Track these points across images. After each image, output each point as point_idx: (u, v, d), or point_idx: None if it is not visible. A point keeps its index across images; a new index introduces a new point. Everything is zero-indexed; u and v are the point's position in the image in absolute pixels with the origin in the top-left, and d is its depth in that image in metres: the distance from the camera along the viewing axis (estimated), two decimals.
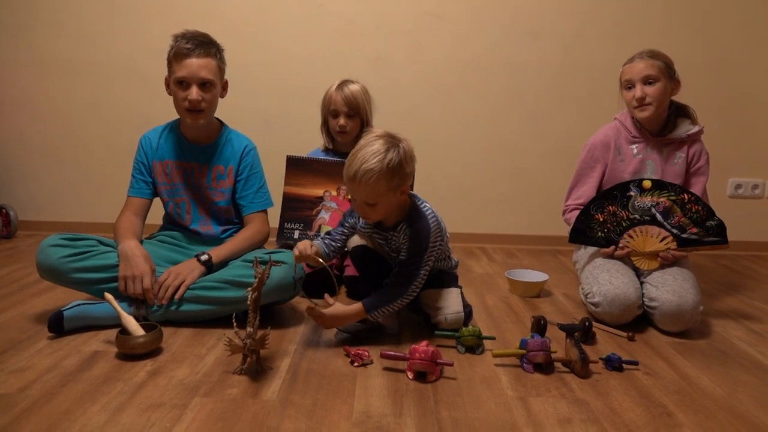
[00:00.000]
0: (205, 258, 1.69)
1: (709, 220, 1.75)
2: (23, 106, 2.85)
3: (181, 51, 1.69)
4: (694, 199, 1.76)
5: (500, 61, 2.80)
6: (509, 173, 2.90)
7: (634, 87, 1.86)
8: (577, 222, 1.86)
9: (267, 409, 1.21)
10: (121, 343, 1.43)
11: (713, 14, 2.75)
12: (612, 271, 1.78)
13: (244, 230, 1.84)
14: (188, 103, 1.71)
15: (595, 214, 1.84)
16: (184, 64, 1.69)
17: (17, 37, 2.77)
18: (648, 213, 1.79)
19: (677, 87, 1.89)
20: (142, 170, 1.84)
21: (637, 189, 1.80)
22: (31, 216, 2.92)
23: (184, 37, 1.71)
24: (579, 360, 1.39)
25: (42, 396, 1.25)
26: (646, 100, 1.83)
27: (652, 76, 1.83)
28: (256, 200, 1.88)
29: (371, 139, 1.48)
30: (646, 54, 1.86)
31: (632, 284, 1.73)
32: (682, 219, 1.77)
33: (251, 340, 1.33)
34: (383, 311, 1.54)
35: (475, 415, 1.22)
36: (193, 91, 1.70)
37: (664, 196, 1.78)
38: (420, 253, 1.54)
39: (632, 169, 1.93)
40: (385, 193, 1.47)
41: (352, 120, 2.08)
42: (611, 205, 1.82)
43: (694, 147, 1.93)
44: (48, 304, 1.81)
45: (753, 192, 2.91)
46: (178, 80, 1.71)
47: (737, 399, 1.32)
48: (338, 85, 2.10)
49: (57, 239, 1.64)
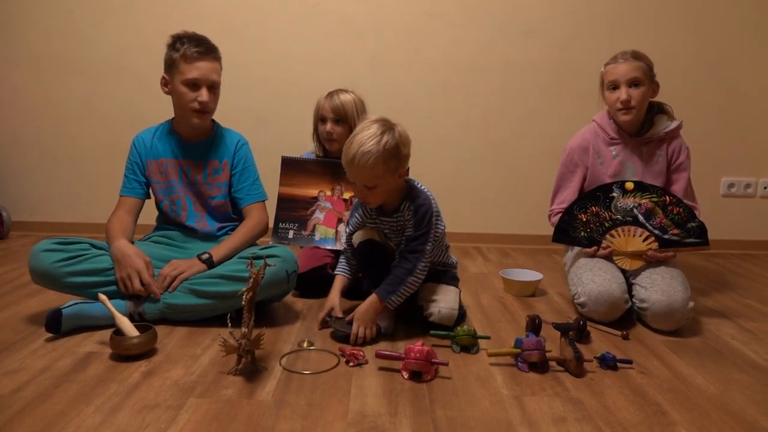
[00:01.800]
0: (206, 257, 1.69)
1: (690, 221, 1.76)
2: (16, 105, 2.83)
3: (192, 54, 1.72)
4: (675, 201, 1.77)
5: (495, 61, 2.80)
6: (504, 173, 2.90)
7: (619, 88, 1.85)
8: (560, 222, 1.87)
9: (262, 410, 1.21)
10: (116, 344, 1.43)
11: (706, 14, 2.76)
12: (594, 269, 1.79)
13: (245, 223, 1.85)
14: (198, 104, 1.75)
15: (579, 214, 1.85)
16: (196, 66, 1.73)
17: (10, 35, 2.76)
18: (630, 214, 1.80)
19: (657, 89, 1.89)
20: (136, 170, 1.85)
21: (619, 190, 1.81)
22: (25, 216, 2.90)
23: (190, 39, 1.74)
24: (574, 359, 1.40)
25: (36, 397, 1.24)
26: (631, 103, 1.83)
27: (638, 79, 1.83)
28: (253, 192, 1.91)
29: (366, 125, 1.53)
30: (630, 55, 1.85)
31: (615, 280, 1.74)
32: (663, 220, 1.78)
33: (246, 340, 1.33)
34: (398, 296, 1.58)
35: (470, 414, 1.22)
36: (204, 92, 1.75)
37: (646, 198, 1.79)
38: (425, 224, 1.58)
39: (612, 171, 1.93)
40: (383, 175, 1.51)
41: (339, 126, 2.08)
42: (594, 206, 1.83)
43: (674, 143, 1.93)
44: (42, 305, 1.81)
45: (745, 191, 2.93)
46: (188, 82, 1.73)
47: (730, 397, 1.33)
48: (329, 93, 2.10)
49: (49, 244, 1.63)
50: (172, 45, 1.75)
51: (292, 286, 1.73)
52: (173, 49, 1.74)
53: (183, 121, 1.83)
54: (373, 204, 1.61)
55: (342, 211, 2.14)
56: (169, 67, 1.76)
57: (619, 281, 1.75)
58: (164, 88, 1.81)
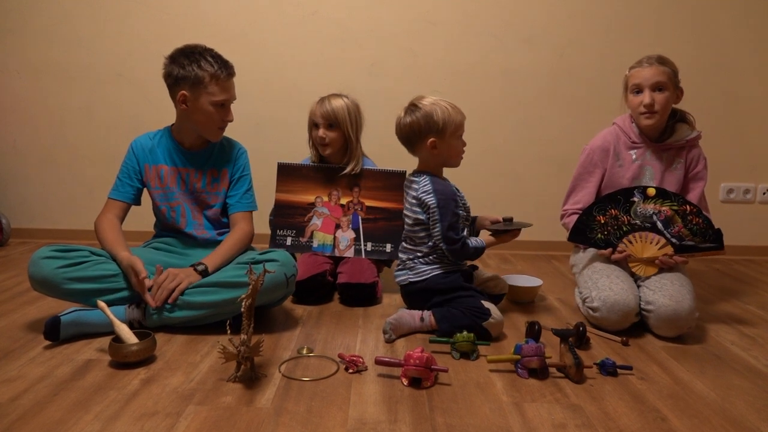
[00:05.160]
0: (201, 268, 1.68)
1: (707, 232, 1.76)
2: (16, 112, 2.84)
3: (224, 76, 1.75)
4: (696, 212, 1.76)
5: (494, 67, 2.81)
6: (503, 179, 2.91)
7: (643, 92, 1.84)
8: (578, 222, 1.85)
9: (261, 417, 1.21)
10: (115, 352, 1.42)
11: (706, 19, 2.77)
12: (612, 276, 1.77)
13: (231, 234, 1.84)
14: (224, 123, 1.80)
15: (597, 216, 1.83)
16: (226, 88, 1.77)
17: (9, 43, 2.77)
18: (649, 220, 1.79)
19: (681, 95, 1.88)
20: (131, 174, 1.85)
21: (641, 195, 1.80)
22: (24, 223, 2.90)
23: (215, 58, 1.75)
24: (573, 365, 1.39)
25: (34, 405, 1.24)
26: (654, 107, 1.82)
27: (662, 83, 1.82)
28: (243, 201, 1.90)
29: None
30: (655, 59, 1.84)
31: (632, 291, 1.73)
32: (682, 229, 1.77)
33: (245, 347, 1.32)
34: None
35: (470, 421, 1.22)
36: (231, 113, 1.81)
37: (667, 205, 1.78)
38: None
39: (631, 174, 1.93)
40: None
41: (331, 131, 2.08)
42: (614, 209, 1.82)
43: (693, 152, 1.94)
44: (40, 313, 1.80)
45: (745, 197, 2.93)
46: (219, 103, 1.75)
47: (731, 403, 1.33)
48: (321, 98, 2.11)
49: (49, 251, 1.63)
50: (195, 62, 1.71)
51: (291, 290, 1.73)
52: (198, 67, 1.70)
53: (192, 132, 1.83)
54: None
55: (339, 217, 2.14)
56: (194, 85, 1.72)
57: (635, 293, 1.74)
58: (182, 105, 1.75)
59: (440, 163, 1.79)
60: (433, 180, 1.74)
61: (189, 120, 1.80)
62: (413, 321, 1.68)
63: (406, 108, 1.75)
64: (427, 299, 1.73)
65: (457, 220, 1.72)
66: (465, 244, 1.72)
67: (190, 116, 1.78)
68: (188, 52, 1.74)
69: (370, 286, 1.95)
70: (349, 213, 2.15)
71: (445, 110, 1.71)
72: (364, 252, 2.12)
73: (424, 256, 1.76)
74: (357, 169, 2.13)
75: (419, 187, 1.73)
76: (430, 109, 1.70)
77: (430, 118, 1.69)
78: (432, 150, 1.73)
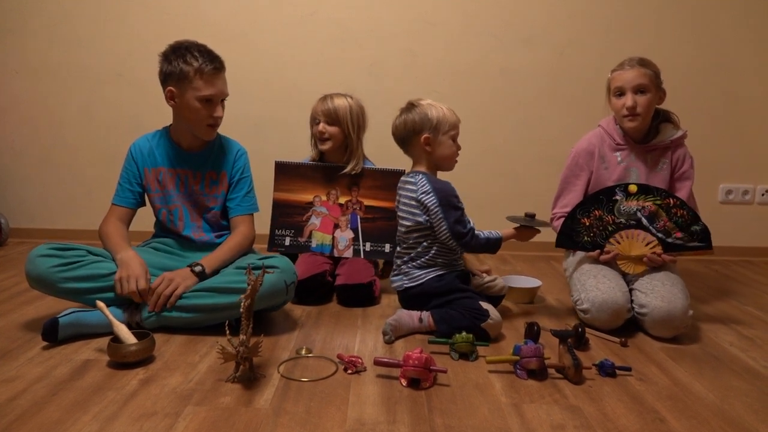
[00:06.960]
0: (198, 269, 1.68)
1: (693, 224, 1.76)
2: (15, 113, 2.83)
3: (209, 70, 1.69)
4: (679, 204, 1.76)
5: (493, 68, 2.81)
6: (503, 179, 2.90)
7: (625, 95, 1.85)
8: (563, 226, 1.86)
9: (260, 418, 1.21)
10: (113, 352, 1.42)
11: (704, 20, 2.77)
12: (599, 276, 1.78)
13: (232, 236, 1.83)
14: (213, 120, 1.75)
15: (582, 218, 1.83)
16: (212, 83, 1.71)
17: (9, 43, 2.76)
18: (634, 217, 1.80)
19: (663, 97, 1.90)
20: (131, 179, 1.84)
21: (622, 193, 1.80)
22: (23, 223, 2.90)
23: (201, 53, 1.69)
24: (572, 366, 1.39)
25: (32, 406, 1.23)
26: (637, 110, 1.83)
27: (644, 86, 1.83)
28: (244, 203, 1.89)
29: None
30: (636, 62, 1.85)
31: (619, 288, 1.73)
32: (667, 223, 1.77)
33: (244, 347, 1.32)
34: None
35: (468, 422, 1.22)
36: (219, 109, 1.75)
37: (650, 201, 1.78)
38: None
39: (616, 176, 1.93)
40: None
41: (331, 127, 2.09)
42: (597, 210, 1.82)
43: (678, 152, 1.94)
44: (39, 313, 1.80)
45: (743, 198, 2.93)
46: (205, 98, 1.71)
47: (729, 404, 1.33)
48: (324, 96, 2.12)
49: (46, 249, 1.63)
50: (181, 57, 1.68)
51: (290, 297, 1.72)
52: (184, 62, 1.68)
53: (187, 132, 1.81)
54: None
55: (338, 216, 2.14)
56: (179, 80, 1.69)
57: (624, 290, 1.74)
58: (171, 101, 1.74)
59: (434, 163, 1.79)
60: (430, 179, 1.74)
61: (180, 118, 1.78)
62: (412, 322, 1.68)
63: (403, 108, 1.78)
64: (424, 303, 1.73)
65: (462, 213, 1.73)
66: (475, 235, 1.72)
67: (180, 113, 1.76)
68: (176, 47, 1.72)
69: (366, 286, 1.95)
70: (348, 212, 2.15)
71: (440, 110, 1.74)
72: (362, 252, 2.12)
73: (418, 258, 1.76)
74: (357, 169, 2.13)
75: (417, 188, 1.73)
76: (425, 108, 1.74)
77: (425, 115, 1.73)
78: (425, 147, 1.73)
